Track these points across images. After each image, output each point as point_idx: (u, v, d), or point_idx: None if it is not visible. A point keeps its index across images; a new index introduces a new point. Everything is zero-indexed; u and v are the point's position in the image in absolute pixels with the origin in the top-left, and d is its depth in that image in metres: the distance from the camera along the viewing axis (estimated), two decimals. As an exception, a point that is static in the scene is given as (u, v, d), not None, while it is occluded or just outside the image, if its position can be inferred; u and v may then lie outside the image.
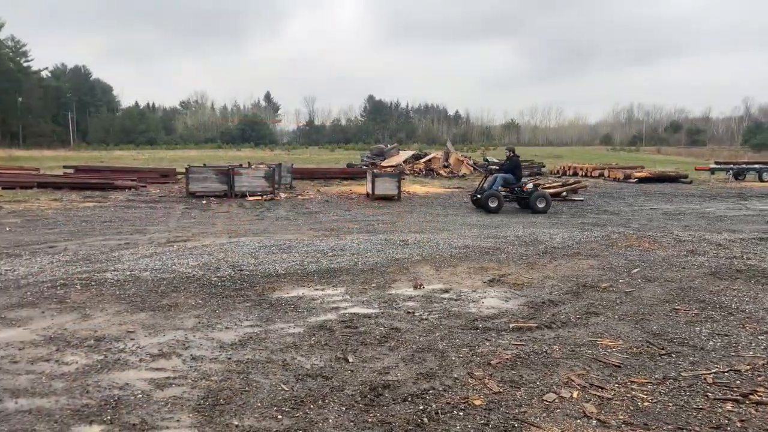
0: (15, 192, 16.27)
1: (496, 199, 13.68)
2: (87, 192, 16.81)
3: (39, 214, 12.53)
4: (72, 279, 6.65)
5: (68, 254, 8.23)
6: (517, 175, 14.20)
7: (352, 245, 9.06)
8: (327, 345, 4.54)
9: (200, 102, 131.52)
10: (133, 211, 13.26)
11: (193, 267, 7.36)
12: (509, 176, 14.10)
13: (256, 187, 16.10)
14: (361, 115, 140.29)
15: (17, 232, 10.20)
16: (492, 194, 13.73)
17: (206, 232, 10.57)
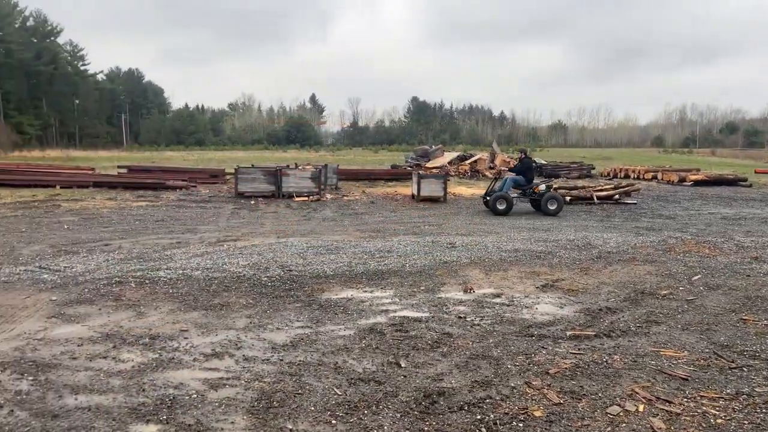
0: (72, 191, 16.84)
1: (505, 201, 13.46)
2: (140, 191, 17.27)
3: (95, 212, 12.92)
4: (127, 277, 6.79)
5: (123, 252, 8.43)
6: (528, 176, 13.97)
7: (399, 247, 8.98)
8: (378, 349, 4.48)
9: (247, 104, 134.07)
10: (184, 211, 13.53)
11: (244, 267, 7.42)
12: (520, 178, 13.89)
13: (302, 187, 16.22)
14: (404, 116, 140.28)
15: (75, 230, 10.53)
16: (500, 196, 13.53)
17: (255, 232, 10.67)
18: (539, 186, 13.86)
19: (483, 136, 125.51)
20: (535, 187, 13.77)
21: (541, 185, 13.92)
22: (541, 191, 13.66)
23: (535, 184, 13.91)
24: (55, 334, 4.71)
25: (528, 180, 13.92)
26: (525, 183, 13.87)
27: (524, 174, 13.93)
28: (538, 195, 13.65)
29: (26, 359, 4.12)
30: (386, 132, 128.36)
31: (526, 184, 13.87)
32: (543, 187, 13.85)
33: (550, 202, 13.47)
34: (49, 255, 8.17)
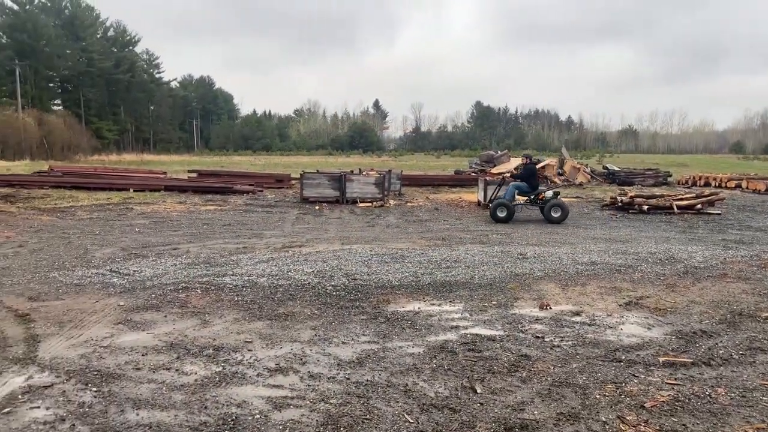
0: (145, 194, 17.36)
1: (505, 208, 13.04)
2: (209, 195, 17.60)
3: (165, 216, 13.19)
4: (193, 282, 6.76)
5: (190, 257, 8.47)
6: (532, 183, 13.47)
7: (467, 257, 8.62)
8: (450, 370, 4.16)
9: (312, 110, 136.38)
10: (250, 215, 13.63)
11: (308, 274, 7.27)
12: (522, 185, 13.45)
13: (366, 193, 16.08)
14: (467, 121, 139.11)
15: (145, 233, 10.73)
16: (501, 203, 13.13)
17: (319, 238, 10.56)
18: (545, 192, 13.39)
19: (549, 142, 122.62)
20: (541, 194, 13.31)
21: (547, 192, 13.49)
22: (546, 198, 13.19)
23: (541, 191, 13.45)
24: (121, 341, 4.65)
25: (532, 187, 13.44)
26: (529, 190, 13.41)
27: (528, 180, 13.48)
28: (543, 202, 13.17)
29: (91, 368, 4.05)
30: (448, 137, 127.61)
31: (530, 191, 13.41)
32: (550, 193, 13.40)
33: (554, 209, 12.96)
34: (119, 258, 8.30)
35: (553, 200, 13.12)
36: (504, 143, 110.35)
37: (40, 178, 20.19)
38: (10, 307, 5.59)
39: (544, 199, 13.17)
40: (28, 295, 6.09)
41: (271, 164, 46.87)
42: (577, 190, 21.85)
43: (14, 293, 6.17)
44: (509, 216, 13.00)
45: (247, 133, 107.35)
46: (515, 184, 13.55)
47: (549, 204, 13.00)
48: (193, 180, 20.61)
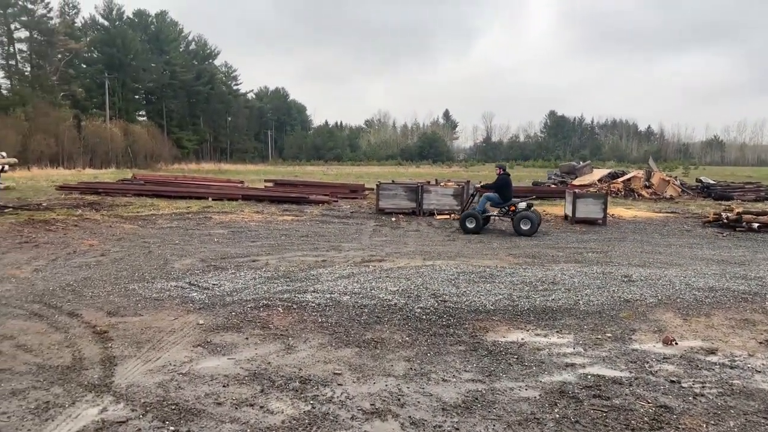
0: (223, 203, 17.45)
1: (474, 219, 12.81)
2: (285, 205, 17.50)
3: (243, 226, 13.07)
4: (274, 299, 6.37)
5: (269, 270, 8.14)
6: (504, 194, 13.07)
7: (564, 278, 7.85)
8: (579, 423, 3.49)
9: (383, 120, 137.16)
10: (327, 226, 13.31)
11: (393, 293, 6.74)
12: (494, 196, 13.15)
13: (444, 205, 15.46)
14: (540, 131, 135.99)
15: (224, 244, 10.56)
16: (470, 214, 12.96)
17: (400, 252, 10.04)
18: (518, 204, 12.98)
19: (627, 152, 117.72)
20: (512, 206, 12.93)
21: (520, 203, 13.08)
22: (518, 210, 12.82)
23: (513, 202, 13.02)
24: (201, 368, 4.26)
25: (504, 198, 13.06)
26: (501, 201, 13.09)
27: (500, 191, 13.10)
28: (514, 214, 12.82)
29: (169, 401, 3.66)
30: (520, 147, 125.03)
31: (502, 202, 13.08)
32: (523, 205, 13.03)
33: (523, 221, 12.51)
34: (198, 270, 8.07)
35: (523, 212, 12.74)
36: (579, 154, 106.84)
37: (123, 186, 20.81)
38: (88, 322, 5.36)
39: (516, 210, 12.84)
40: (107, 309, 5.87)
41: (343, 174, 47.06)
42: (669, 204, 20.37)
43: (94, 306, 5.97)
44: (478, 227, 12.75)
45: (319, 144, 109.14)
46: (487, 195, 13.22)
47: (519, 215, 12.62)
48: (269, 190, 20.66)
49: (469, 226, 12.73)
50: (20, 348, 4.62)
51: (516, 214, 12.69)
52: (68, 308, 5.86)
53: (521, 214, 12.64)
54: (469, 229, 12.71)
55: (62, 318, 5.51)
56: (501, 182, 13.17)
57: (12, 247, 9.56)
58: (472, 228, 12.71)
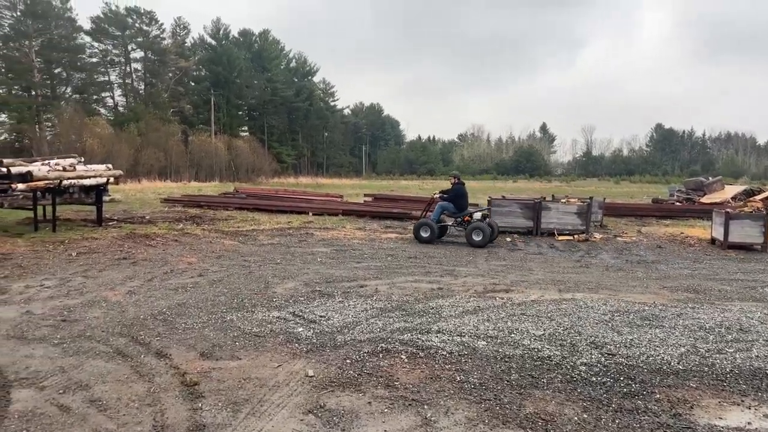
0: (323, 218, 16.72)
1: (428, 228, 12.54)
2: (386, 221, 16.51)
3: (346, 243, 12.13)
4: (393, 341, 5.21)
5: (381, 299, 7.02)
6: (459, 204, 12.78)
7: (753, 323, 6.15)
8: None
9: (476, 135, 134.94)
10: (435, 247, 12.09)
11: (539, 339, 5.38)
12: (449, 205, 12.81)
13: (565, 224, 13.79)
14: (646, 144, 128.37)
15: (327, 264, 9.60)
16: (424, 223, 12.66)
17: (527, 280, 8.62)
18: (473, 215, 12.80)
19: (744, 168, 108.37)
20: (466, 216, 12.67)
21: (475, 213, 12.92)
22: (473, 220, 12.57)
23: (467, 213, 12.77)
24: (315, 454, 3.13)
25: (459, 208, 12.77)
26: (455, 210, 12.79)
27: (455, 201, 12.78)
28: (466, 225, 12.50)
29: None
30: (623, 162, 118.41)
31: (457, 212, 12.78)
32: (478, 215, 12.88)
33: (475, 232, 12.09)
34: (302, 296, 7.08)
35: (476, 222, 12.42)
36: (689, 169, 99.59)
37: (225, 200, 20.70)
38: (178, 367, 4.42)
39: (470, 221, 12.53)
40: (200, 348, 4.94)
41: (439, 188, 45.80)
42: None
43: (186, 344, 5.06)
44: (433, 236, 12.45)
45: (412, 158, 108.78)
46: (442, 204, 12.87)
47: (471, 226, 12.24)
48: (369, 204, 19.79)
49: (423, 235, 12.46)
50: (93, 404, 3.71)
51: (469, 225, 12.35)
52: (157, 345, 4.98)
53: (473, 225, 12.29)
54: (423, 238, 12.43)
55: (149, 360, 4.61)
56: (457, 192, 12.85)
57: (110, 263, 9.07)
58: (426, 237, 12.43)
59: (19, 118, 50.95)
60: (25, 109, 51.31)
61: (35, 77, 52.69)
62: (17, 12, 51.54)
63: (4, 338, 5.01)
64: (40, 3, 51.85)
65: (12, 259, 9.03)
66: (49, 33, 53.36)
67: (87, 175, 13.00)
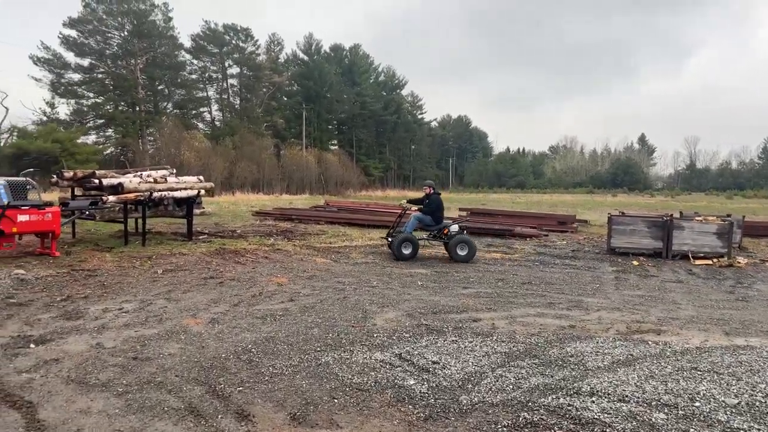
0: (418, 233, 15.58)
1: (410, 244, 11.37)
2: (486, 238, 15.15)
3: (446, 264, 10.91)
4: (537, 407, 3.95)
5: (502, 339, 5.76)
6: (436, 216, 11.68)
7: None
8: None
9: (569, 146, 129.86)
10: (550, 270, 10.62)
11: (739, 413, 3.95)
12: (426, 217, 11.66)
13: (702, 246, 11.84)
14: (758, 157, 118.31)
15: (429, 289, 8.42)
16: (406, 238, 11.36)
17: (677, 317, 7.04)
18: (450, 227, 11.65)
19: None
20: (445, 229, 11.62)
21: (453, 226, 11.74)
22: (451, 233, 11.54)
23: (445, 225, 11.70)
24: None
25: (436, 219, 11.65)
26: (432, 223, 11.65)
27: (433, 214, 11.62)
28: (447, 238, 11.56)
29: None
30: (732, 175, 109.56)
31: (434, 224, 11.66)
32: (455, 228, 11.71)
33: (460, 246, 11.32)
34: (407, 332, 5.95)
35: (459, 236, 11.44)
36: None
37: (316, 213, 20.07)
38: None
39: (449, 234, 11.52)
40: (290, 406, 3.90)
41: (533, 202, 43.65)
42: None
43: (273, 398, 4.05)
44: (415, 252, 11.37)
45: (501, 170, 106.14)
46: (417, 215, 11.61)
47: (456, 239, 11.32)
48: (465, 219, 18.44)
49: (405, 253, 11.22)
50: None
51: (451, 239, 11.39)
52: (239, 400, 3.99)
53: (459, 238, 11.34)
54: (405, 255, 11.19)
55: (227, 423, 3.61)
56: (436, 203, 11.65)
57: (196, 283, 8.35)
58: (408, 254, 11.24)
59: (124, 132, 53.76)
60: (129, 123, 54.08)
61: (140, 93, 55.51)
62: (125, 32, 54.62)
63: (64, 382, 4.20)
64: (146, 23, 54.68)
65: (96, 277, 8.52)
66: (153, 51, 56.13)
67: (178, 187, 12.60)
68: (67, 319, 6.02)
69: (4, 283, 7.63)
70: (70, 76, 54.15)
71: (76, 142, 43.82)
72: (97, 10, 53.35)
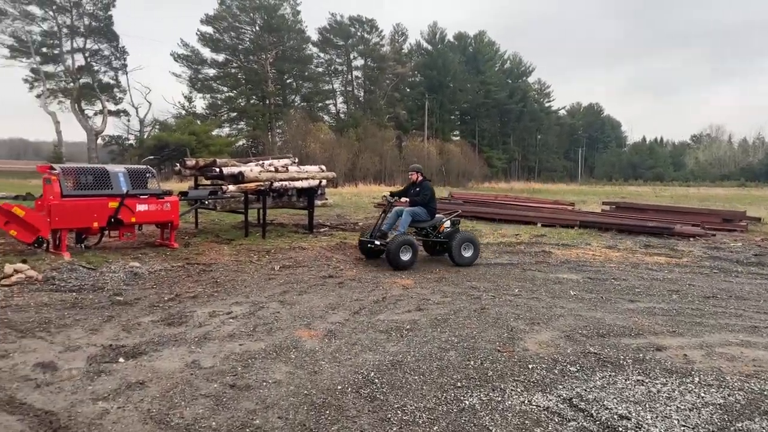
0: (557, 231, 13.88)
1: (410, 248, 8.51)
2: (640, 237, 13.10)
3: (599, 268, 9.25)
4: None
5: (708, 381, 4.24)
6: (430, 208, 9.18)
7: None
8: None
9: (714, 135, 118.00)
10: (735, 280, 8.59)
11: None
12: (420, 211, 9.05)
13: None
14: None
15: (586, 301, 6.90)
16: (405, 242, 8.49)
17: None
18: (444, 222, 9.29)
19: None
20: (441, 225, 9.24)
21: (445, 221, 9.34)
22: (446, 230, 9.24)
23: (439, 220, 9.29)
24: None
25: (431, 213, 9.25)
26: (427, 218, 9.22)
27: (427, 205, 9.19)
28: (443, 236, 9.20)
29: None
30: None
31: (428, 219, 9.23)
32: (448, 223, 9.34)
33: (465, 246, 8.95)
34: (571, 362, 4.57)
35: (461, 234, 9.22)
36: None
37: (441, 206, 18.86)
38: None
39: (444, 231, 9.31)
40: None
41: (679, 196, 39.36)
42: None
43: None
44: (414, 258, 8.70)
45: (636, 161, 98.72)
46: (410, 210, 9.10)
47: (460, 238, 9.04)
48: (611, 215, 16.35)
49: (403, 260, 8.46)
50: None
51: (452, 238, 9.03)
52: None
53: (462, 236, 9.08)
54: (403, 263, 8.45)
55: None
56: (429, 192, 9.28)
57: (313, 283, 7.46)
58: (407, 261, 8.51)
59: (255, 125, 55.83)
60: (259, 116, 56.06)
61: (269, 87, 57.36)
62: (256, 27, 56.63)
63: (142, 419, 3.32)
64: (276, 17, 56.29)
65: (211, 272, 7.91)
66: (282, 45, 57.73)
67: (299, 177, 11.94)
68: (169, 325, 5.29)
69: (117, 277, 7.19)
70: (206, 72, 57.14)
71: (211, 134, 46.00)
72: (231, 6, 55.74)
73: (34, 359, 4.20)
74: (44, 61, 48.36)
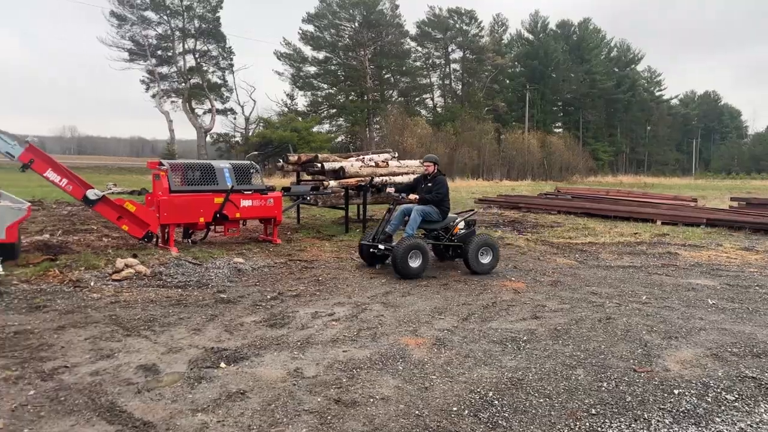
0: (681, 230, 12.63)
1: (420, 253, 7.25)
2: (781, 239, 11.62)
3: (737, 273, 8.17)
4: None
5: None
6: (443, 207, 7.89)
7: None
8: None
9: None
10: None
11: None
12: (432, 210, 7.78)
13: None
14: None
15: (729, 312, 6.01)
16: (414, 246, 7.21)
17: None
18: (458, 223, 7.96)
19: None
20: (456, 227, 7.91)
21: (459, 221, 8.00)
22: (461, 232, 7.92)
23: (452, 221, 7.97)
24: None
25: (443, 213, 7.90)
26: (439, 218, 7.88)
27: (440, 204, 7.83)
28: (458, 238, 7.87)
29: None
30: None
31: (440, 220, 7.90)
32: (462, 224, 8.01)
33: (483, 252, 7.69)
34: (724, 388, 3.87)
35: (478, 237, 7.74)
36: None
37: (546, 202, 17.90)
38: None
39: (458, 233, 7.87)
40: None
41: None
42: None
43: None
44: (425, 265, 7.29)
45: (759, 154, 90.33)
46: (420, 208, 7.68)
47: (477, 242, 7.62)
48: (742, 212, 14.74)
49: (412, 267, 7.21)
50: None
51: (467, 241, 7.73)
52: None
53: (479, 240, 7.73)
54: (412, 271, 7.21)
55: None
56: (443, 187, 7.95)
57: (417, 284, 7.05)
58: (417, 268, 7.25)
59: (354, 120, 56.45)
60: (358, 112, 56.61)
61: (368, 83, 57.77)
62: (355, 23, 57.16)
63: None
64: (374, 13, 56.53)
65: (312, 269, 7.73)
66: (380, 41, 57.91)
67: (400, 172, 11.62)
68: (271, 326, 5.08)
69: (222, 273, 7.17)
70: (308, 69, 58.44)
71: (311, 130, 46.95)
72: (331, 3, 56.60)
73: (137, 360, 4.09)
74: (159, 63, 51.49)
